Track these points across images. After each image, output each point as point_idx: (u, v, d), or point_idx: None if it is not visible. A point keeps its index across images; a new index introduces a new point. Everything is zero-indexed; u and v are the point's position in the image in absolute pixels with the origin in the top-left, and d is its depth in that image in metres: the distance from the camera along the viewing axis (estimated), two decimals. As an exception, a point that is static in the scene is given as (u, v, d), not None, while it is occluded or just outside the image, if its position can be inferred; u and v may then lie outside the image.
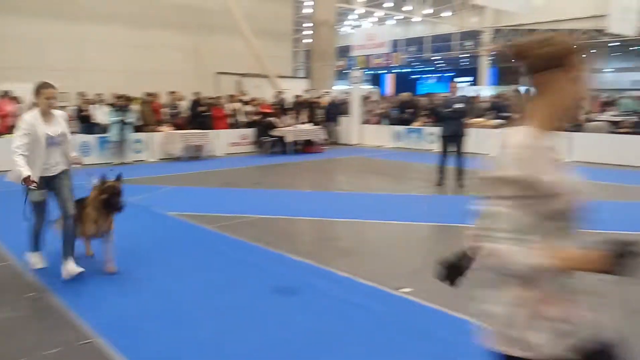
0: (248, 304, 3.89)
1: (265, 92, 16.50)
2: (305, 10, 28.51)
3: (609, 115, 14.00)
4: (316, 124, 15.13)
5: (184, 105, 14.07)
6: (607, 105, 16.25)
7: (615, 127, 12.95)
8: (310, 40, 21.72)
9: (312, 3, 19.77)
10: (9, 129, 10.18)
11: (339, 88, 24.28)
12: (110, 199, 4.33)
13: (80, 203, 4.51)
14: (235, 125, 14.68)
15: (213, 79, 17.33)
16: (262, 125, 13.99)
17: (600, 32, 27.22)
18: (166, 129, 12.87)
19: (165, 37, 16.76)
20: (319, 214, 6.94)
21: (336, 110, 16.74)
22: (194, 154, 12.92)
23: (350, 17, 38.83)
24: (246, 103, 15.21)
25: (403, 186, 9.41)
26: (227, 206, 7.48)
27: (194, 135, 12.88)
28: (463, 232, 1.91)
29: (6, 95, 12.17)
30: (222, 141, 13.82)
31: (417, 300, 3.91)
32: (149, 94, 13.50)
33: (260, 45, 16.94)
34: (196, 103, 13.83)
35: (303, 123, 14.61)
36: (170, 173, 10.50)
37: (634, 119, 13.03)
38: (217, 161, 12.72)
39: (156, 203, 7.40)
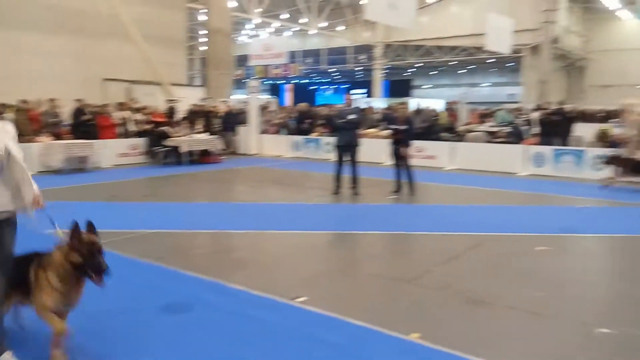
0: (136, 327, 3.63)
1: (158, 100, 15.83)
2: (201, 17, 27.86)
3: (486, 126, 15.27)
4: (213, 133, 14.79)
5: (66, 113, 13.04)
6: (485, 117, 17.70)
7: (492, 137, 14.14)
8: (206, 48, 21.27)
9: (207, 10, 19.34)
10: None
11: (236, 97, 24.02)
12: (88, 263, 2.95)
13: (32, 263, 3.12)
14: (124, 135, 13.89)
15: (100, 85, 16.29)
16: (155, 134, 13.38)
17: (479, 49, 29.74)
18: (45, 139, 11.82)
19: (45, 40, 15.44)
20: (215, 226, 6.74)
21: (234, 119, 16.50)
22: (78, 166, 11.98)
23: (247, 26, 38.71)
24: (137, 111, 14.47)
25: (301, 195, 9.49)
26: (114, 221, 6.98)
27: (77, 146, 11.95)
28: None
29: None
30: (109, 152, 12.97)
31: (313, 309, 3.92)
32: (24, 101, 12.33)
33: (152, 52, 16.25)
34: (79, 111, 12.88)
35: (199, 132, 14.20)
36: (49, 187, 9.62)
37: (508, 129, 14.33)
38: (104, 173, 11.92)
39: (31, 221, 6.72)
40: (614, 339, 3.51)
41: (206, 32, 20.11)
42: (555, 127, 12.74)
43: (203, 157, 13.81)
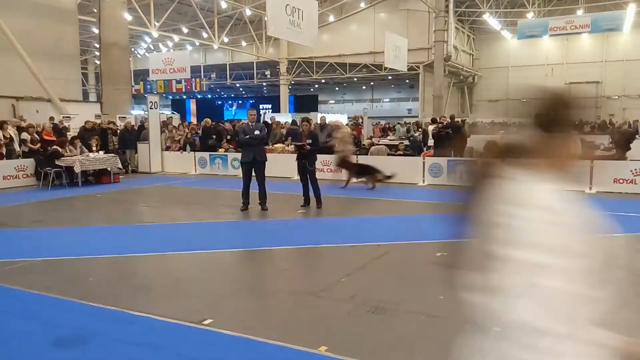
0: (20, 366, 3.31)
1: (47, 118, 14.74)
2: (96, 30, 26.52)
3: (387, 140, 15.97)
4: (110, 151, 14.02)
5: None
6: (386, 130, 18.53)
7: (393, 149, 14.81)
8: (100, 63, 20.23)
9: (99, 23, 18.41)
10: None
11: (136, 113, 23.04)
12: None
13: None
14: (9, 155, 12.74)
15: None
16: (44, 154, 12.41)
17: (378, 66, 31.15)
18: None
19: None
20: (114, 251, 6.35)
21: (133, 136, 15.79)
22: (-46, 191, 10.80)
23: (146, 39, 37.39)
24: (23, 129, 13.35)
25: (207, 213, 9.24)
26: (-2, 251, 6.37)
27: (-47, 169, 10.78)
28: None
29: None
30: (-8, 174, 11.84)
31: (219, 331, 3.81)
32: None
33: (41, 66, 15.15)
34: (-45, 130, 11.64)
35: (94, 151, 13.38)
36: None
37: (407, 142, 15.10)
38: (-13, 198, 10.84)
39: None
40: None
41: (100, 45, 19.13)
42: (447, 140, 13.61)
43: (99, 177, 13.04)
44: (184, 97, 48.24)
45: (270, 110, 39.57)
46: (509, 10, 31.70)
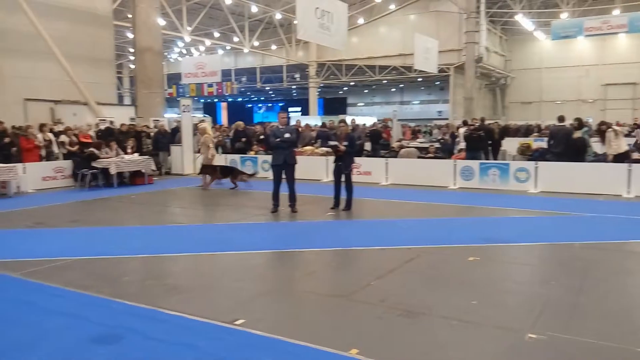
0: (59, 361, 3.41)
1: (84, 121, 15.16)
2: (130, 35, 27.21)
3: (418, 142, 15.82)
4: (144, 153, 14.33)
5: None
6: (416, 133, 18.36)
7: (424, 152, 14.66)
8: (134, 67, 20.73)
9: (134, 28, 18.86)
10: None
11: (169, 116, 23.48)
12: None
13: None
14: (49, 157, 13.16)
15: (21, 106, 15.40)
16: (82, 156, 12.77)
17: (408, 68, 30.91)
18: (-41, 164, 10.98)
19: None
20: (147, 251, 6.49)
21: (166, 139, 16.10)
22: (-2, 192, 11.22)
23: (179, 44, 38.12)
24: (61, 132, 13.77)
25: (238, 215, 9.34)
26: (38, 249, 6.58)
27: (-3, 170, 11.20)
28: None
29: None
30: (32, 175, 12.25)
31: (251, 331, 3.84)
32: None
33: (78, 71, 15.60)
34: (-1, 133, 12.09)
35: (129, 153, 13.70)
36: (-37, 215, 8.94)
37: (437, 145, 14.92)
38: (27, 198, 11.22)
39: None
40: (543, 344, 3.68)
41: (134, 50, 19.57)
42: (479, 142, 13.39)
43: (134, 178, 13.33)
44: (215, 100, 48.95)
45: (301, 113, 39.79)
46: (543, 10, 31.04)
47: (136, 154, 13.79)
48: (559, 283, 5.14)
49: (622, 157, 11.38)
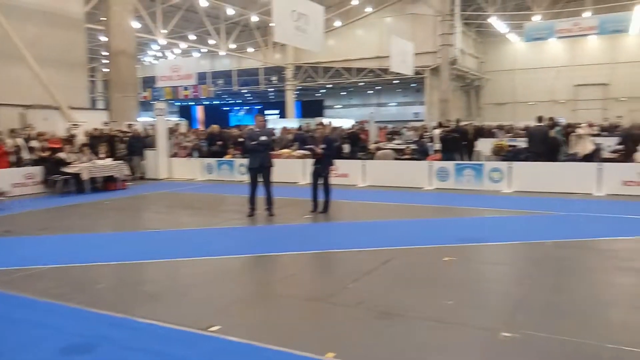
0: (28, 373, 3.31)
1: (56, 126, 14.84)
2: (103, 38, 26.80)
3: (394, 144, 15.92)
4: (117, 158, 14.09)
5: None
6: (392, 134, 18.47)
7: (399, 153, 14.75)
8: (107, 70, 20.37)
9: (107, 31, 18.54)
10: None
11: (143, 120, 23.17)
12: None
13: None
14: (18, 164, 12.84)
15: (-12, 111, 15.00)
16: (52, 162, 12.49)
17: (384, 71, 31.10)
18: None
19: None
20: (121, 258, 6.36)
21: (140, 143, 15.87)
22: (-36, 199, 10.87)
23: (154, 47, 37.66)
24: (31, 138, 13.44)
25: (215, 219, 9.25)
26: (8, 258, 6.40)
27: (-37, 177, 10.86)
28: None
29: None
30: (2, 182, 11.87)
31: (226, 337, 3.80)
32: None
33: (49, 75, 15.25)
34: (-35, 139, 11.74)
35: (102, 158, 13.45)
36: None
37: (413, 146, 15.04)
38: (-4, 205, 10.91)
39: None
40: (517, 342, 3.73)
41: (108, 53, 19.25)
42: (454, 144, 13.56)
43: (107, 184, 13.10)
44: (191, 103, 48.49)
45: (279, 116, 39.68)
46: (516, 13, 31.59)
47: (109, 159, 13.55)
48: (533, 281, 5.23)
49: (589, 158, 11.76)
